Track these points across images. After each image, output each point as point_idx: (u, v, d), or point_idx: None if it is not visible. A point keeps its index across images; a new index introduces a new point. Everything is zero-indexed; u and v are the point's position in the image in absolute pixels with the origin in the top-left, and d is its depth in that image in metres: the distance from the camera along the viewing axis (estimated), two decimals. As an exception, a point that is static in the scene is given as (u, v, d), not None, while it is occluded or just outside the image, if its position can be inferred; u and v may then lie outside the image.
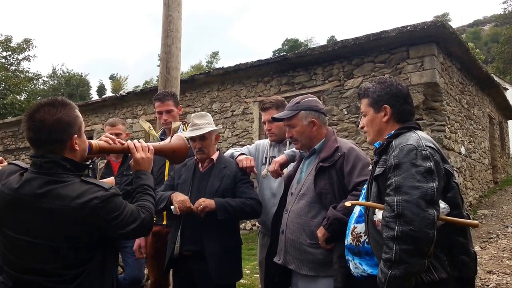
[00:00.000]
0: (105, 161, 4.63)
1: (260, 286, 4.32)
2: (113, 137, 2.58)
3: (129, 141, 2.57)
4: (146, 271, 5.00)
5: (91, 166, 2.64)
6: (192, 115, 3.77)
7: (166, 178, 4.09)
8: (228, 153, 3.93)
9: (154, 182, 3.93)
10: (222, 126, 3.90)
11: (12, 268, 2.05)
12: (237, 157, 3.77)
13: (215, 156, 3.64)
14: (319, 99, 3.40)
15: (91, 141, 2.38)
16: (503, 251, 7.64)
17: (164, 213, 4.00)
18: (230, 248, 3.49)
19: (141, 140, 2.62)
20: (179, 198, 3.38)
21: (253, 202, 3.48)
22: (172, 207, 3.34)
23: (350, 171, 2.92)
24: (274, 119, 3.37)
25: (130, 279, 4.53)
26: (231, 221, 3.51)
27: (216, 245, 3.37)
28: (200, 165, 3.65)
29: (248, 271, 7.18)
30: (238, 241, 3.66)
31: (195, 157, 3.68)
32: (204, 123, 3.58)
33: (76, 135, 2.13)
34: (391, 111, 2.43)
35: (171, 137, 3.16)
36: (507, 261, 6.91)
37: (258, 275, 5.71)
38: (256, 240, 8.84)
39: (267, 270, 3.55)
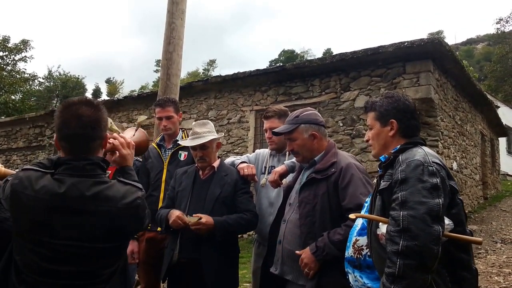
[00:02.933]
0: None
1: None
2: None
3: (115, 135, 2.55)
4: (136, 277, 4.99)
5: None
6: (193, 123, 3.77)
7: (163, 184, 4.08)
8: (228, 161, 3.94)
9: (151, 188, 3.96)
10: (223, 134, 3.90)
11: (46, 276, 2.00)
12: (238, 165, 3.78)
13: (216, 164, 3.64)
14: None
15: None
16: (492, 266, 7.66)
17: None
18: (227, 256, 3.49)
19: (122, 135, 2.61)
20: (174, 215, 3.39)
21: (250, 215, 3.50)
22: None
23: (345, 186, 2.92)
24: (275, 133, 3.39)
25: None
26: None
27: (213, 253, 3.36)
28: (200, 172, 3.65)
29: (238, 280, 7.16)
30: (236, 250, 3.66)
31: (196, 165, 3.68)
32: (205, 131, 3.58)
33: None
34: (397, 125, 2.46)
35: (136, 130, 3.14)
36: (496, 277, 6.93)
37: (247, 284, 5.71)
38: (246, 248, 8.86)
39: (263, 280, 3.56)
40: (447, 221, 2.12)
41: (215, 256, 3.36)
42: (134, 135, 2.93)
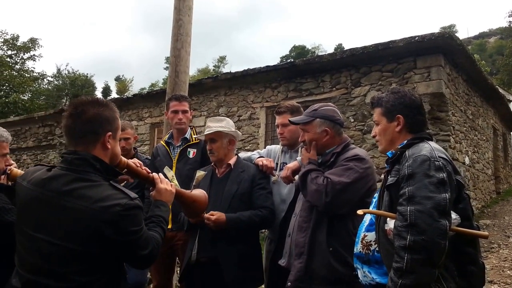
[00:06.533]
0: None
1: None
2: (141, 163, 2.55)
3: (154, 173, 2.54)
4: (149, 275, 5.02)
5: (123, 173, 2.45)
6: (209, 118, 3.80)
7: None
8: (244, 156, 3.94)
9: None
10: (239, 132, 3.87)
11: (25, 269, 2.01)
12: (255, 159, 3.79)
13: (232, 161, 3.64)
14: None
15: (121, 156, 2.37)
16: (504, 261, 7.65)
17: (170, 216, 4.00)
18: (246, 254, 3.45)
19: (161, 175, 2.58)
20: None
21: (265, 212, 3.47)
22: None
23: (334, 166, 3.03)
24: (291, 122, 3.41)
25: (133, 283, 4.52)
26: None
27: (232, 251, 3.35)
28: (217, 170, 3.66)
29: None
30: (256, 246, 3.62)
31: (212, 163, 3.70)
32: (217, 126, 3.58)
33: (110, 133, 2.13)
34: (404, 121, 2.46)
35: (194, 186, 3.19)
36: (508, 271, 6.92)
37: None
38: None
39: (272, 276, 3.57)
40: (454, 215, 2.14)
41: (233, 254, 3.35)
42: (191, 191, 2.91)
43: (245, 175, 3.56)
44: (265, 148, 4.21)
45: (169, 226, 4.00)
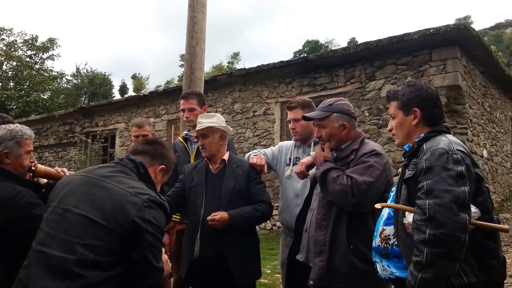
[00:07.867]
0: None
1: (281, 286, 4.34)
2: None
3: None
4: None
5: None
6: (199, 115, 3.83)
7: None
8: (246, 155, 4.03)
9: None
10: (230, 128, 3.90)
11: (37, 242, 2.10)
12: (249, 157, 3.87)
13: (226, 157, 3.67)
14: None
15: None
16: (525, 255, 7.56)
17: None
18: (249, 247, 3.55)
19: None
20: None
21: (265, 206, 3.56)
22: None
23: (353, 162, 3.01)
24: (305, 118, 3.36)
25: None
26: None
27: (235, 245, 3.41)
28: (211, 166, 3.68)
29: (269, 271, 7.18)
30: (256, 239, 3.70)
31: (205, 159, 3.72)
32: (207, 121, 3.60)
33: (164, 167, 2.53)
34: (421, 114, 2.43)
35: None
36: (529, 266, 6.83)
37: (278, 275, 5.74)
38: (276, 240, 8.90)
39: (290, 270, 3.59)
40: (473, 209, 2.11)
41: (237, 248, 3.42)
42: None
43: (240, 170, 3.61)
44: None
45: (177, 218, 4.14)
